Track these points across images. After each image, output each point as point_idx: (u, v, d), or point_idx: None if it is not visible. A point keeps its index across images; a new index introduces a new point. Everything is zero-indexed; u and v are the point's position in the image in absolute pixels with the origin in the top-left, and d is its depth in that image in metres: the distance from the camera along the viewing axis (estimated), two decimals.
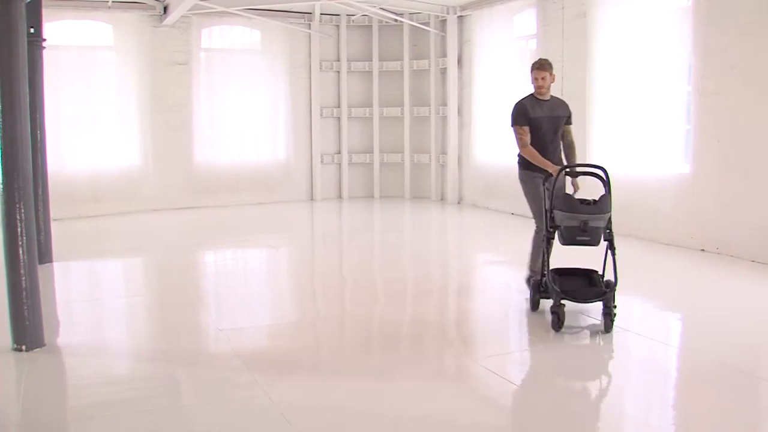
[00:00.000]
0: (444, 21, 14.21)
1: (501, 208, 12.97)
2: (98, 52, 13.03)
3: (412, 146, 15.14)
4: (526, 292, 6.94)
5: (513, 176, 7.07)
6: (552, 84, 6.83)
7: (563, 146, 6.93)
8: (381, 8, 13.56)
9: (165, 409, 4.64)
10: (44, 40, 8.62)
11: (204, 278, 9.00)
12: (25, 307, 5.68)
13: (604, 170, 6.17)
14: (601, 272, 6.35)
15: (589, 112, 10.76)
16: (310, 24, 14.66)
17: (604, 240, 6.15)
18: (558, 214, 6.17)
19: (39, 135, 8.65)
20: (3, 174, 5.60)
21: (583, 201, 6.18)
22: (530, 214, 7.00)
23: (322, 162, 15.09)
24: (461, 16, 13.94)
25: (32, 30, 8.45)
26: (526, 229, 7.50)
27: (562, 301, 6.05)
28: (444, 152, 14.59)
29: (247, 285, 8.48)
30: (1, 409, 4.72)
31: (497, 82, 13.05)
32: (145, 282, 8.85)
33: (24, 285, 5.67)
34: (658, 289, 7.70)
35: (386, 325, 6.73)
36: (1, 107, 5.57)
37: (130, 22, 13.04)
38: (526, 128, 6.70)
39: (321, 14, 14.57)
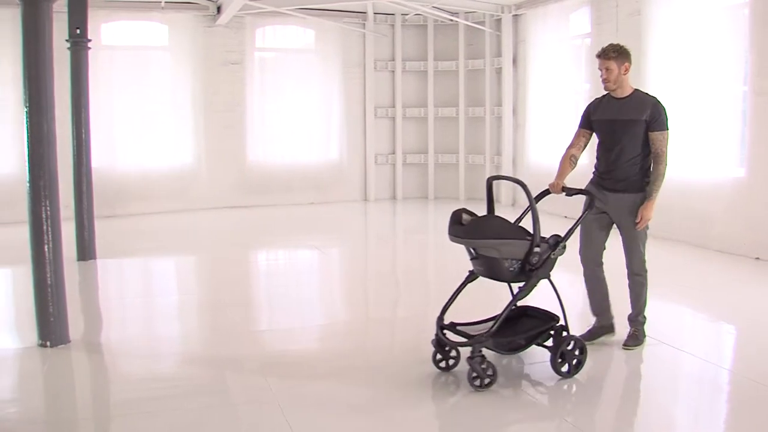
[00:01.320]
0: (499, 20, 13.98)
1: (555, 211, 12.66)
2: (152, 52, 13.22)
3: (466, 147, 14.95)
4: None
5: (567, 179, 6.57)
6: (624, 75, 5.40)
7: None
8: (435, 7, 13.41)
9: (171, 411, 4.61)
10: (89, 40, 8.74)
11: (247, 278, 8.98)
12: (51, 304, 5.74)
13: (523, 185, 4.93)
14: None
15: None
16: (364, 23, 14.61)
17: (515, 280, 4.94)
18: None
19: (84, 134, 8.81)
20: (29, 173, 5.69)
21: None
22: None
23: (376, 162, 15.02)
24: (516, 15, 13.69)
25: (78, 31, 8.62)
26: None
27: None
28: (498, 153, 14.36)
29: (291, 286, 8.33)
30: (20, 403, 4.77)
31: (552, 82, 12.77)
32: (186, 281, 8.91)
33: (49, 282, 5.73)
34: (708, 299, 7.27)
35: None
36: (28, 107, 5.66)
37: (184, 22, 13.20)
38: (582, 131, 5.64)
39: (375, 14, 14.50)
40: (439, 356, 5.10)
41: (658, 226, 10.04)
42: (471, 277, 5.11)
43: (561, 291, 5.06)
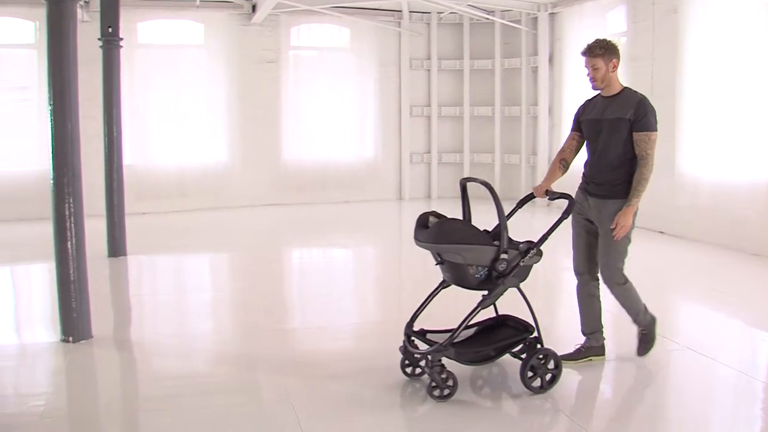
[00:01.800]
0: (535, 18, 13.84)
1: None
2: (188, 51, 13.34)
3: (502, 146, 14.83)
4: None
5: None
6: (612, 73, 5.02)
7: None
8: (470, 5, 13.33)
9: (185, 408, 4.64)
10: (121, 39, 8.84)
11: (279, 276, 8.98)
12: (73, 300, 5.83)
13: (489, 187, 4.67)
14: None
15: (679, 112, 10.23)
16: (399, 22, 14.58)
17: (482, 287, 4.69)
18: None
19: (115, 132, 8.91)
20: (53, 171, 5.76)
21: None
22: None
23: (411, 161, 14.99)
24: (552, 13, 13.54)
25: (110, 29, 8.72)
26: None
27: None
28: (534, 153, 14.22)
29: (323, 285, 8.26)
30: (40, 398, 4.83)
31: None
32: (216, 278, 8.98)
33: (72, 278, 5.82)
34: (741, 304, 7.06)
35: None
36: (52, 106, 5.73)
37: (220, 20, 13.30)
38: (573, 134, 5.33)
39: (411, 12, 14.46)
40: (407, 363, 4.95)
41: (691, 228, 9.96)
42: (444, 283, 4.90)
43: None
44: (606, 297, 5.32)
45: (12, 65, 12.14)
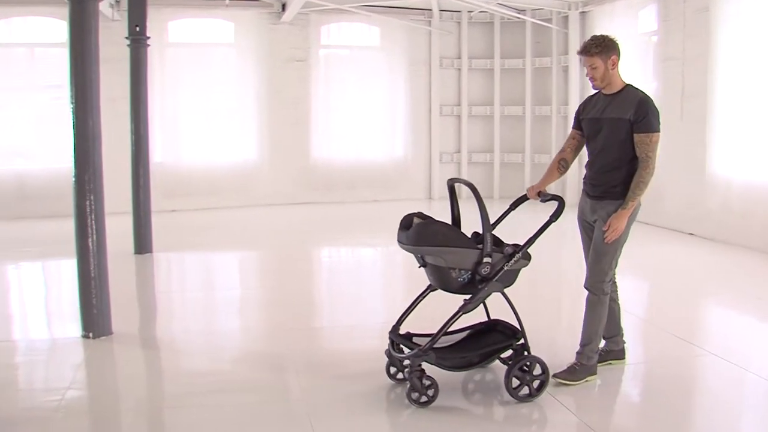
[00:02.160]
0: (566, 17, 13.71)
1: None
2: (218, 49, 13.42)
3: (532, 146, 14.71)
4: None
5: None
6: (612, 70, 4.78)
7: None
8: (500, 4, 13.23)
9: (196, 407, 4.66)
10: (148, 38, 8.91)
11: (305, 275, 8.95)
12: (94, 297, 5.90)
13: (473, 188, 4.57)
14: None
15: (711, 112, 10.07)
16: (430, 21, 14.53)
17: (465, 291, 4.56)
18: None
19: (142, 130, 8.98)
20: (75, 168, 5.83)
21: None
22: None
23: (440, 161, 14.93)
24: (583, 12, 13.40)
25: (137, 28, 8.79)
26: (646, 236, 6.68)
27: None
28: None
29: (351, 284, 8.27)
30: (58, 392, 4.87)
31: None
32: (241, 276, 9.00)
33: (93, 275, 5.88)
34: None
35: None
36: (74, 104, 5.79)
37: (250, 19, 13.37)
38: (573, 132, 5.12)
39: (441, 11, 14.40)
40: (392, 367, 4.87)
41: (722, 230, 9.78)
42: (432, 286, 4.77)
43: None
44: (624, 298, 5.22)
45: (46, 64, 12.31)
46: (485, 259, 4.48)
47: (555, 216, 4.72)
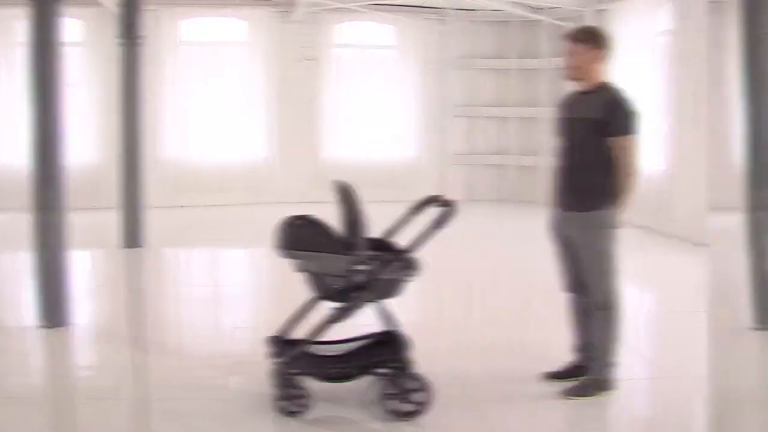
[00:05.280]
0: (581, 16, 13.50)
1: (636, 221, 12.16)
2: (229, 48, 13.51)
3: (547, 148, 14.50)
4: None
5: (653, 182, 5.19)
6: (593, 65, 4.46)
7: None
8: (515, 3, 13.11)
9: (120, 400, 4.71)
10: (143, 37, 9.02)
11: (286, 275, 8.89)
12: (52, 286, 6.01)
13: (347, 189, 4.55)
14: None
15: (729, 114, 9.84)
16: (443, 20, 14.45)
17: (341, 300, 4.35)
18: None
19: (135, 126, 9.12)
20: (34, 162, 5.98)
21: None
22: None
23: (453, 162, 14.84)
24: (600, 10, 13.18)
25: (129, 29, 8.92)
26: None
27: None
28: None
29: None
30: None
31: (636, 81, 12.17)
32: (231, 274, 8.97)
33: (51, 265, 6.01)
34: None
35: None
36: (34, 100, 5.96)
37: (260, 18, 13.44)
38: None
39: (454, 10, 14.31)
40: None
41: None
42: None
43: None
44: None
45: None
46: (359, 267, 4.26)
47: (438, 224, 4.38)
